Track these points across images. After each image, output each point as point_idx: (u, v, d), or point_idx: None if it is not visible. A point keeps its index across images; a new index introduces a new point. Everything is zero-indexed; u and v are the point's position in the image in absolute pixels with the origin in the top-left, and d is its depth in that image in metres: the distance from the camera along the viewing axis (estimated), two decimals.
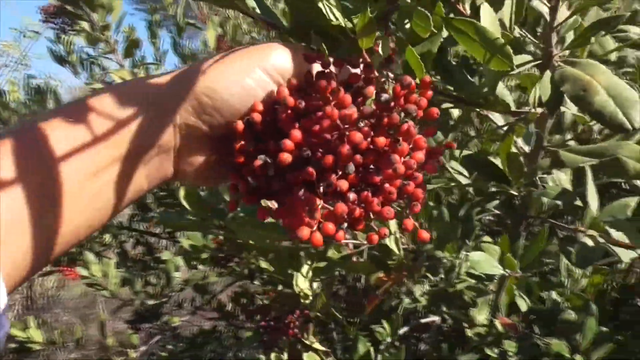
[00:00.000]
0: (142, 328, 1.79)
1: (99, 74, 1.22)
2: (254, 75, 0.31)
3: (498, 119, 0.50)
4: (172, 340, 2.02)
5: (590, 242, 0.46)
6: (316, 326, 0.69)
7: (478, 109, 0.47)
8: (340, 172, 0.29)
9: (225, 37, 1.45)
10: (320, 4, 0.35)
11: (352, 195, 0.29)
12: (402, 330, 0.94)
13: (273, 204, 0.34)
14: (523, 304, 0.66)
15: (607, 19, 0.35)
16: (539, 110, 0.41)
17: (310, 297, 0.63)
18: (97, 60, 1.18)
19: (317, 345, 0.67)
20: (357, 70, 0.32)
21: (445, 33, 0.37)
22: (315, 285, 0.69)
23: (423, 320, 1.01)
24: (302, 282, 0.63)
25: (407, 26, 0.39)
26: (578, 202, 0.48)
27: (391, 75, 0.33)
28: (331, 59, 0.32)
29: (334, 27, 0.36)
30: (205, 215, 0.59)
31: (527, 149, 0.50)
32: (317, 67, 0.33)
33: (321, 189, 0.29)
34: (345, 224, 0.31)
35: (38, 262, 0.28)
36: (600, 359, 0.76)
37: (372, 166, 0.30)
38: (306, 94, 0.31)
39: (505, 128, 0.47)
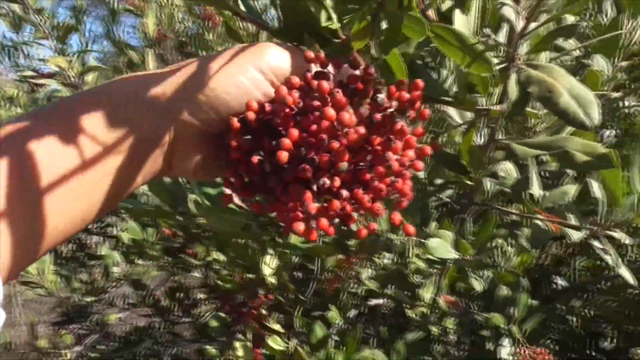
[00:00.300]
0: (68, 329, 1.70)
1: (26, 62, 1.14)
2: (249, 74, 0.32)
3: (454, 114, 0.55)
4: (104, 340, 1.94)
5: (541, 224, 0.52)
6: (278, 311, 0.71)
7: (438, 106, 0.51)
8: (334, 170, 0.31)
9: (160, 26, 1.41)
10: (311, 5, 0.36)
11: (345, 192, 0.31)
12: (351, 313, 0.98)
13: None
14: (478, 285, 0.72)
15: (565, 27, 0.40)
16: (499, 107, 0.46)
17: (275, 283, 0.65)
18: (25, 45, 1.10)
19: (279, 328, 0.69)
20: (357, 72, 0.33)
21: None
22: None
23: (371, 303, 1.06)
24: (268, 268, 0.64)
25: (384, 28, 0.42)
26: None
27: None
28: (329, 60, 0.33)
29: (325, 27, 0.38)
30: (171, 203, 0.59)
31: (479, 142, 0.55)
32: (313, 67, 0.34)
33: (315, 186, 0.30)
34: (337, 220, 0.33)
35: (34, 252, 0.28)
36: (531, 329, 0.85)
37: (361, 163, 0.32)
38: (304, 93, 0.33)
39: (463, 124, 0.52)
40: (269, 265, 0.65)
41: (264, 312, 0.66)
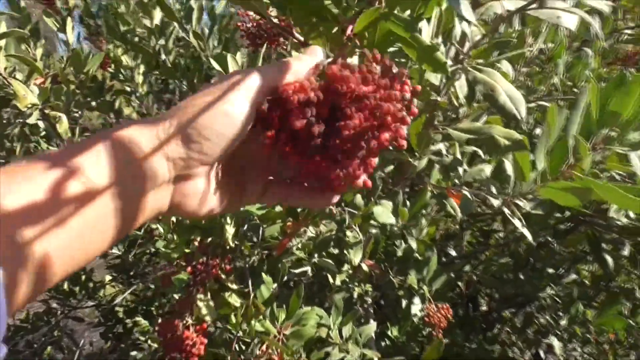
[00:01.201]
0: None
1: None
2: (232, 102, 0.36)
3: None
4: None
5: (469, 195, 0.65)
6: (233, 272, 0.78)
7: None
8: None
9: None
10: None
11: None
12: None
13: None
14: (413, 243, 0.84)
15: (501, 42, 0.53)
16: (444, 98, 0.58)
17: (233, 245, 0.71)
18: None
19: (234, 286, 0.76)
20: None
21: None
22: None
23: (297, 271, 1.16)
24: (229, 232, 0.71)
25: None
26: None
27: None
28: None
29: (327, 8, 0.46)
30: None
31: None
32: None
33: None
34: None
35: (38, 287, 0.29)
36: (438, 288, 1.01)
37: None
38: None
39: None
40: (228, 230, 0.71)
41: (221, 273, 0.72)
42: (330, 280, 1.13)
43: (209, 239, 0.74)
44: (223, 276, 0.74)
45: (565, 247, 1.42)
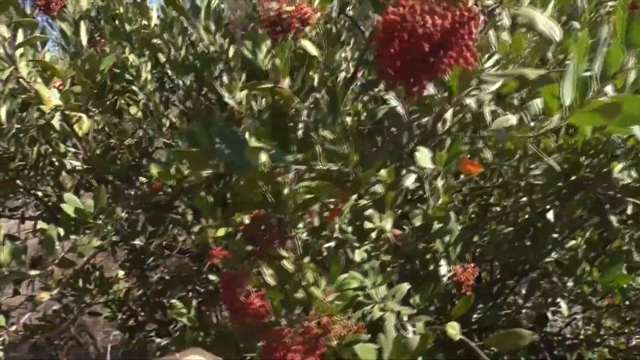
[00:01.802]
0: None
1: None
2: None
3: None
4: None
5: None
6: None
7: None
8: None
9: None
10: None
11: None
12: None
13: None
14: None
15: None
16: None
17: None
18: None
19: (284, 254, 0.81)
20: None
21: None
22: None
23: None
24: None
25: None
26: None
27: None
28: None
29: None
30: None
31: None
32: None
33: None
34: None
35: None
36: (460, 251, 1.07)
37: None
38: None
39: None
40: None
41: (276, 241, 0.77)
42: (350, 255, 1.17)
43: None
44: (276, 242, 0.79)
45: (566, 214, 1.50)
